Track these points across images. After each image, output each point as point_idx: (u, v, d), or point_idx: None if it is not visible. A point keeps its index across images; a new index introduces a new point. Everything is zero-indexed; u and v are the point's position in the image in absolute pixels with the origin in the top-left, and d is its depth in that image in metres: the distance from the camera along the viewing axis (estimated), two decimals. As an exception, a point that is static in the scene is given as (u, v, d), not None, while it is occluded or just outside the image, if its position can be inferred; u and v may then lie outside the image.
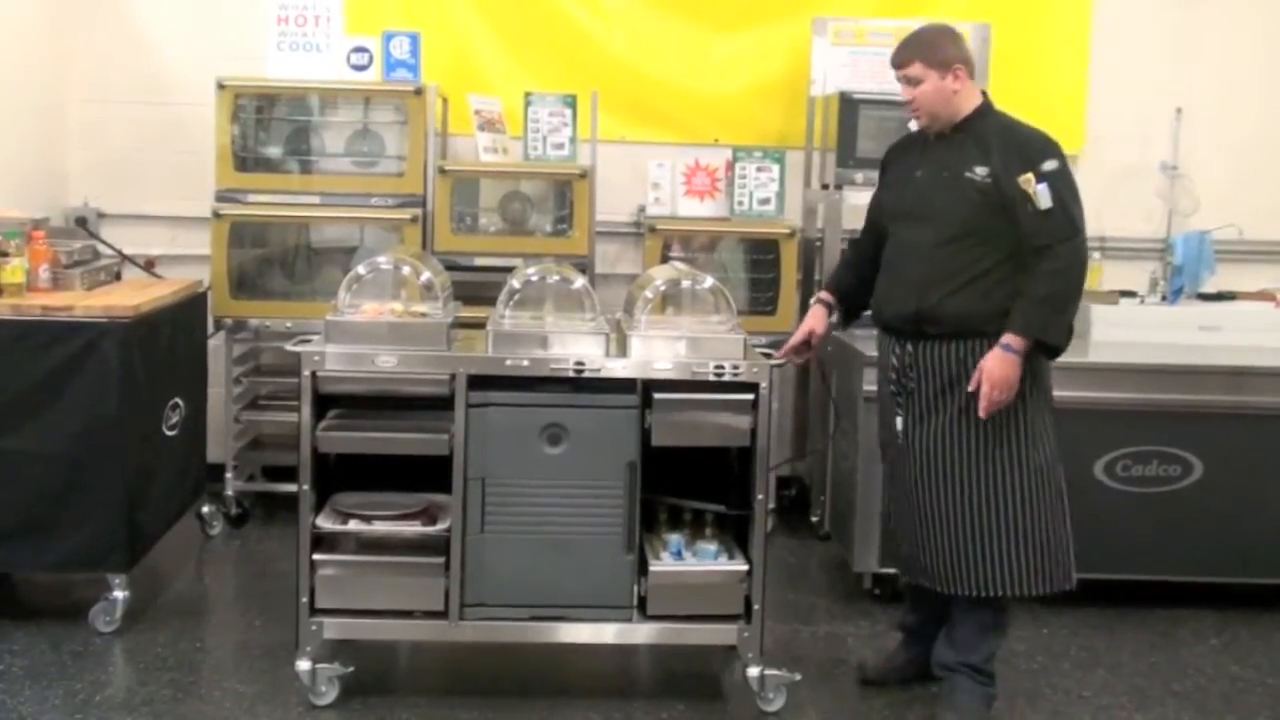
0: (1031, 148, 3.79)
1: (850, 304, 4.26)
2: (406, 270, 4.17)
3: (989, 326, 3.83)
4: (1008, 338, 3.78)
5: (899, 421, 3.99)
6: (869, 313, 4.15)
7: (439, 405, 3.96)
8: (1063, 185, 3.76)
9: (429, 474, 4.04)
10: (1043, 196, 3.72)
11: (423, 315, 4.03)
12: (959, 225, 3.82)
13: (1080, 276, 3.79)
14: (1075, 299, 3.81)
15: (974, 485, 3.89)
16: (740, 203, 5.83)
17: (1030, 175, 3.73)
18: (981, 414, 3.82)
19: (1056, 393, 4.08)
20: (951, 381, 3.89)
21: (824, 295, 4.28)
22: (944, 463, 3.91)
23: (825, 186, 5.88)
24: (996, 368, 3.78)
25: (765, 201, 5.82)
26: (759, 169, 5.81)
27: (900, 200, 3.99)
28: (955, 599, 3.99)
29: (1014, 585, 3.90)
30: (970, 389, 3.84)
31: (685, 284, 4.16)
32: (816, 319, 4.24)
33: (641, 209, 6.02)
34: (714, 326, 4.06)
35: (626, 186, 6.08)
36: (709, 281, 4.15)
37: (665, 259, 5.64)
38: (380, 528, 4.03)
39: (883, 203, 4.09)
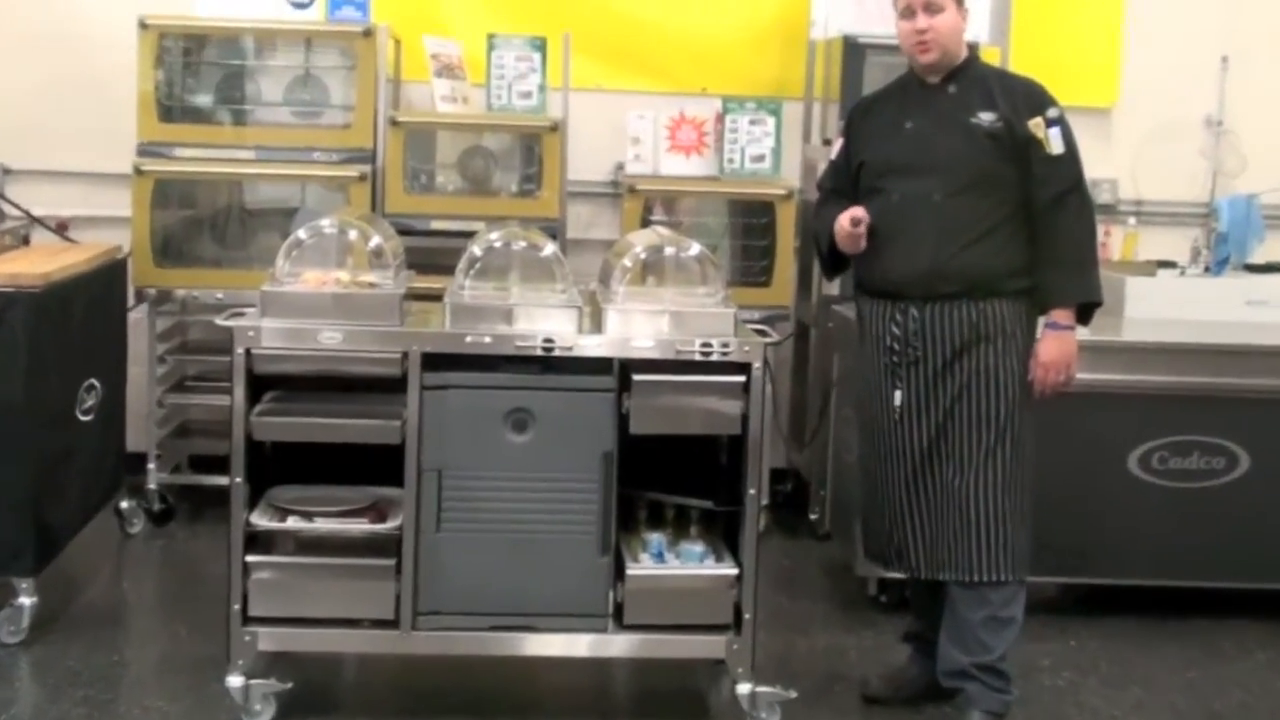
0: (1035, 94, 4.00)
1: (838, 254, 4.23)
2: (353, 235, 4.15)
3: (1002, 285, 3.97)
4: (1055, 315, 3.98)
5: (898, 395, 4.05)
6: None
7: (390, 387, 3.94)
8: (1068, 132, 3.98)
9: (378, 465, 4.02)
10: (1055, 141, 3.93)
11: (371, 286, 4.01)
12: (971, 174, 3.94)
13: (1095, 225, 4.04)
14: (1097, 249, 4.05)
15: (984, 461, 3.98)
16: (731, 160, 5.81)
17: (1040, 120, 3.94)
18: (1038, 396, 4.01)
19: (1084, 375, 4.13)
20: (962, 348, 3.98)
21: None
22: (953, 437, 3.99)
23: (827, 142, 5.86)
24: (1052, 349, 3.97)
25: (759, 159, 5.81)
26: (752, 122, 5.80)
27: (891, 154, 4.06)
28: (957, 593, 4.02)
29: (1016, 569, 4.01)
30: (1034, 386, 3.99)
31: (668, 251, 4.14)
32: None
33: (619, 167, 6.00)
34: (701, 299, 4.05)
35: (602, 141, 6.06)
36: (695, 248, 4.14)
37: (646, 223, 5.63)
38: (323, 526, 4.01)
39: (866, 160, 4.12)
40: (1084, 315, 4.03)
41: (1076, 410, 4.70)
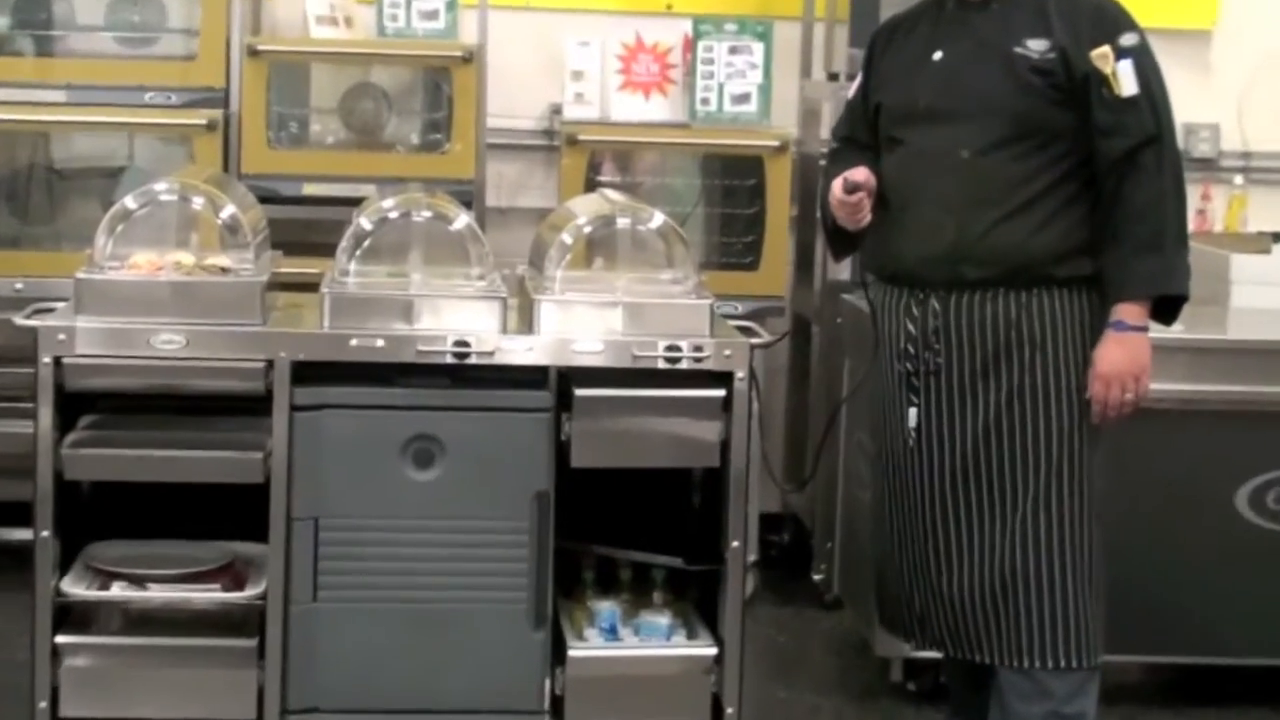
0: (1105, 14, 3.95)
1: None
2: (199, 203, 4.14)
3: (1053, 270, 3.93)
4: (1121, 310, 3.89)
5: (913, 415, 4.04)
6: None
7: (250, 408, 3.95)
8: (1149, 66, 3.92)
9: (234, 513, 4.03)
10: (1125, 78, 3.87)
11: (224, 271, 4.01)
12: (1010, 121, 3.92)
13: (1184, 190, 3.95)
14: (1186, 223, 3.98)
15: (1033, 507, 3.94)
16: (705, 101, 5.82)
17: (1107, 50, 3.88)
18: (1097, 418, 3.94)
19: (1178, 386, 4.12)
20: (997, 355, 3.94)
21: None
22: (988, 474, 3.97)
23: (834, 77, 5.87)
24: (1115, 357, 3.89)
25: (743, 99, 5.82)
26: (734, 50, 5.81)
27: (911, 95, 4.05)
28: (1008, 681, 4.03)
29: (1085, 651, 3.98)
30: (1092, 405, 3.94)
31: (622, 223, 4.15)
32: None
33: (555, 111, 6.02)
34: (665, 287, 4.07)
35: (533, 77, 6.09)
36: (658, 220, 4.15)
37: (592, 186, 5.63)
38: (159, 594, 4.01)
39: (883, 103, 4.13)
40: (1164, 312, 3.97)
41: (1165, 433, 4.72)
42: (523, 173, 6.22)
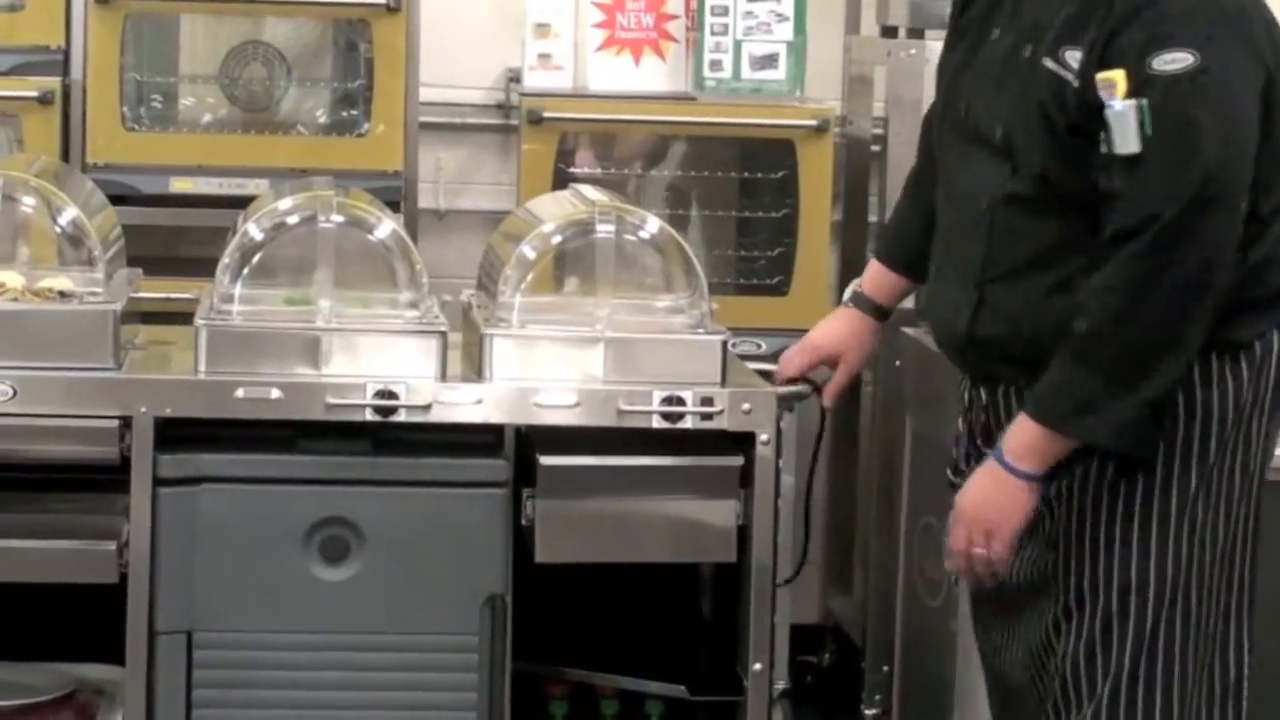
0: (1161, 14, 3.54)
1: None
2: (29, 205, 4.17)
3: None
4: (1010, 436, 3.68)
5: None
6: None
7: (99, 483, 3.98)
8: (1191, 106, 3.51)
9: (79, 626, 4.06)
10: (1120, 126, 3.52)
11: (63, 295, 4.03)
12: (1033, 163, 3.67)
13: (1177, 305, 3.56)
14: (1168, 358, 3.60)
15: (1114, 688, 3.76)
16: (716, 65, 5.85)
17: (1115, 77, 3.52)
18: (948, 566, 3.83)
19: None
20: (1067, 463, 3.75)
21: (874, 278, 4.28)
22: (1059, 617, 3.81)
23: (891, 31, 5.89)
24: (978, 493, 3.72)
25: (768, 62, 5.85)
26: (754, -2, 5.88)
27: (954, 93, 3.90)
28: None
29: None
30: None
31: (603, 231, 4.16)
32: (850, 327, 4.26)
33: (514, 78, 6.08)
34: (663, 318, 4.12)
35: (483, 32, 6.17)
36: (651, 226, 4.19)
37: (563, 181, 5.65)
38: (-24, 736, 4.04)
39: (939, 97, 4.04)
40: (1120, 460, 3.68)
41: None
42: (469, 163, 6.27)
